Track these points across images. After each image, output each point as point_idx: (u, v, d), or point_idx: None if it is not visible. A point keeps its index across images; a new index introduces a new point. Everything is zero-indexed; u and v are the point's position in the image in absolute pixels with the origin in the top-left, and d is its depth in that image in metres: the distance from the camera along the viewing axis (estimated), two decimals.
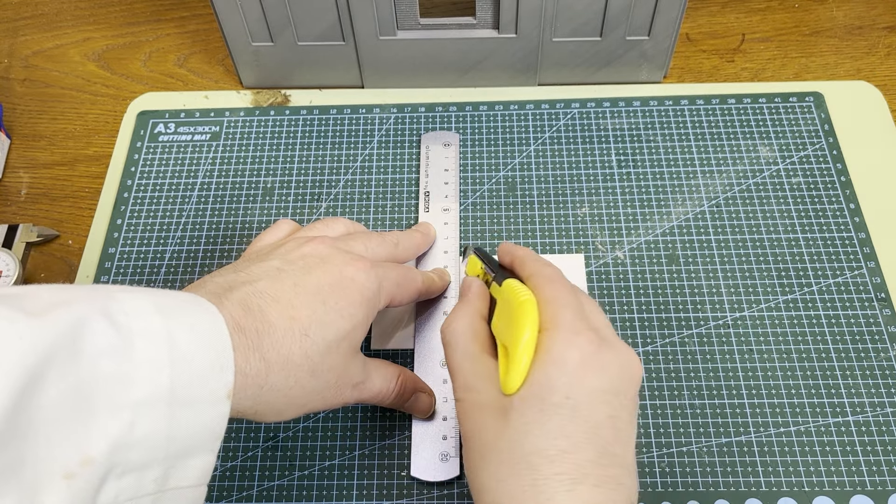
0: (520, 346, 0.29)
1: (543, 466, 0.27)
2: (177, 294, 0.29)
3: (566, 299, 0.31)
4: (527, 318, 0.30)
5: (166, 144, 0.52)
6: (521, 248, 0.37)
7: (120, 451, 0.24)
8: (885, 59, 0.55)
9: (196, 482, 0.27)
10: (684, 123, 0.51)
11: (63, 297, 0.25)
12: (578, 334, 0.29)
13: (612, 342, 0.30)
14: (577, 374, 0.28)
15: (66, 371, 0.23)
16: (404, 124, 0.52)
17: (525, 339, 0.29)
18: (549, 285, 0.32)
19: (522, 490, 0.26)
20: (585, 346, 0.28)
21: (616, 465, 0.27)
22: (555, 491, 0.26)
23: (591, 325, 0.30)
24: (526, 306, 0.31)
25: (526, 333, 0.29)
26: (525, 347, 0.29)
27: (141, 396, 0.25)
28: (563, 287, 0.32)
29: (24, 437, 0.22)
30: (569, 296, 0.31)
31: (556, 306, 0.30)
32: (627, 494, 0.27)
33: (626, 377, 0.29)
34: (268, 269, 0.33)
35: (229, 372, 0.27)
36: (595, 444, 0.27)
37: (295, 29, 0.51)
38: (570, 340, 0.29)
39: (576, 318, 0.30)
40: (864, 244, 0.45)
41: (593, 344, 0.29)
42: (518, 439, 0.27)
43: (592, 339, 0.29)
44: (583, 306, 0.31)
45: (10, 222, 0.50)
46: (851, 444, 0.39)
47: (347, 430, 0.41)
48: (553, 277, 0.32)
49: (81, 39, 0.60)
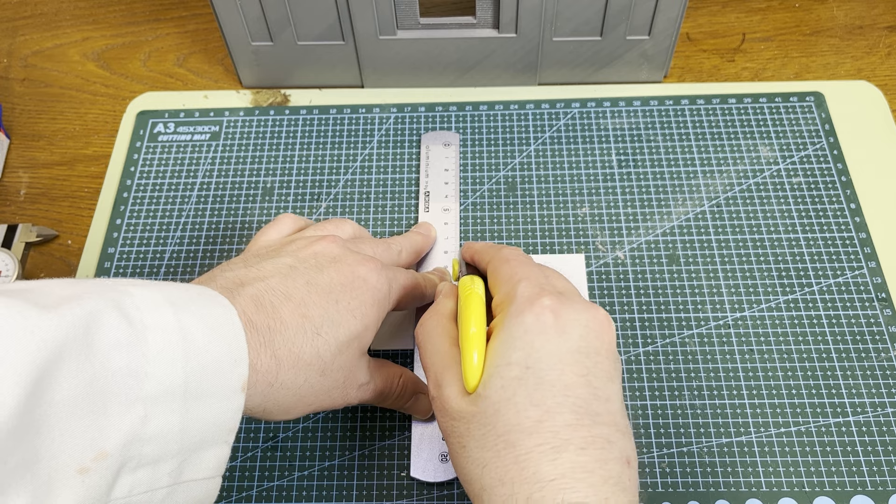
0: (465, 341, 0.29)
1: (522, 441, 0.26)
2: (188, 287, 0.29)
3: (522, 273, 0.31)
4: (469, 312, 0.30)
5: (166, 144, 0.52)
6: (479, 243, 0.37)
7: (134, 446, 0.24)
8: (886, 59, 0.55)
9: (211, 474, 0.27)
10: (685, 123, 0.51)
11: (74, 291, 0.25)
12: (533, 302, 0.29)
13: (576, 302, 0.29)
14: (534, 342, 0.28)
15: (79, 366, 0.23)
16: (404, 124, 0.52)
17: (470, 334, 0.29)
18: (503, 266, 0.32)
19: (507, 469, 0.26)
20: (542, 312, 0.28)
21: (600, 423, 0.27)
22: (538, 463, 0.26)
23: (552, 289, 0.30)
24: (468, 301, 0.31)
25: (471, 328, 0.30)
26: (469, 342, 0.29)
27: (154, 390, 0.25)
28: (518, 263, 0.32)
29: (38, 432, 0.22)
30: (523, 269, 0.31)
31: (512, 283, 0.30)
32: (619, 452, 0.27)
33: (594, 335, 0.28)
34: (280, 266, 0.32)
35: (243, 364, 0.27)
36: (570, 407, 0.27)
37: (295, 28, 0.50)
38: (524, 310, 0.28)
39: (531, 287, 0.29)
40: (864, 244, 0.45)
41: (551, 307, 0.28)
42: (491, 422, 0.27)
43: (550, 303, 0.28)
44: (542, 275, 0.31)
45: (9, 222, 0.50)
46: (852, 444, 0.39)
47: (347, 430, 0.41)
48: (508, 257, 0.33)
49: (81, 39, 0.60)
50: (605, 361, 0.28)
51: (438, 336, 0.32)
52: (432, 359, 0.31)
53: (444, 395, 0.29)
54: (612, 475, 0.26)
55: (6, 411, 0.21)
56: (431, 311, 0.33)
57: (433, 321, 0.33)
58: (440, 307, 0.34)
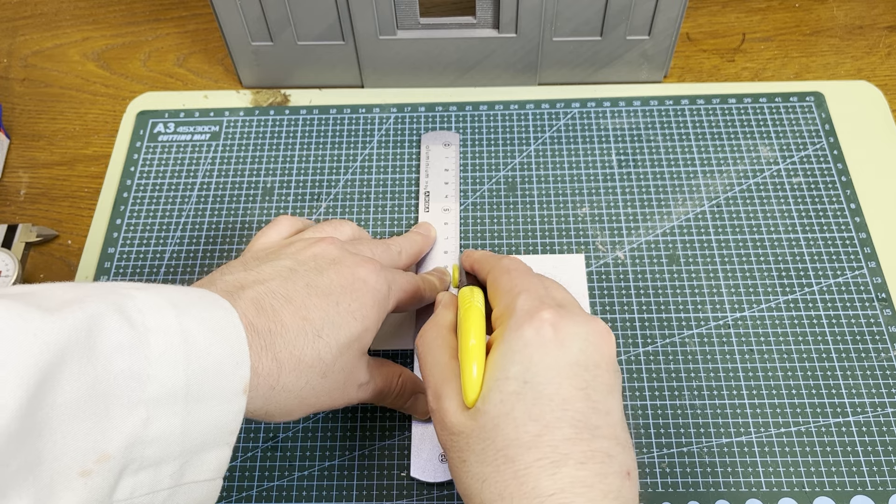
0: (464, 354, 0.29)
1: (521, 455, 0.26)
2: (189, 290, 0.29)
3: (522, 284, 0.30)
4: (469, 324, 0.30)
5: (166, 144, 0.52)
6: (478, 251, 0.37)
7: (136, 448, 0.24)
8: (886, 59, 0.55)
9: (212, 476, 0.27)
10: (685, 123, 0.51)
11: (77, 294, 0.25)
12: (532, 315, 0.28)
13: (576, 315, 0.29)
14: (533, 356, 0.28)
15: (82, 368, 0.23)
16: (404, 124, 0.52)
17: (470, 346, 0.29)
18: (503, 277, 0.32)
19: (506, 484, 0.26)
20: (541, 326, 0.28)
21: (600, 437, 0.27)
22: (537, 478, 0.26)
23: (551, 302, 0.29)
24: (468, 313, 0.31)
25: (470, 340, 0.29)
26: (468, 355, 0.29)
27: (156, 393, 0.25)
28: (518, 274, 0.31)
29: (40, 434, 0.22)
30: (523, 280, 0.31)
31: (511, 295, 0.30)
32: (619, 465, 0.27)
33: (594, 347, 0.28)
34: (279, 269, 0.32)
35: (245, 367, 0.27)
36: (569, 421, 0.26)
37: (295, 28, 0.50)
38: (522, 324, 0.28)
39: (531, 299, 0.29)
40: (864, 244, 0.45)
41: (551, 321, 0.28)
42: (490, 437, 0.27)
43: (549, 316, 0.28)
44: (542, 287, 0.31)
45: (9, 222, 0.50)
46: (852, 444, 0.39)
47: (347, 430, 0.41)
48: (508, 268, 0.32)
49: (81, 39, 0.60)
50: (605, 374, 0.28)
51: (438, 348, 0.32)
52: (432, 371, 0.31)
53: (443, 409, 0.29)
54: (611, 489, 0.26)
55: (8, 414, 0.21)
56: (431, 323, 0.33)
57: (433, 333, 0.33)
58: (440, 318, 0.33)
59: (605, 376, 0.28)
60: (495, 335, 0.30)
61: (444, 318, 0.33)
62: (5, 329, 0.22)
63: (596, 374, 0.28)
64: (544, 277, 0.32)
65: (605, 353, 0.29)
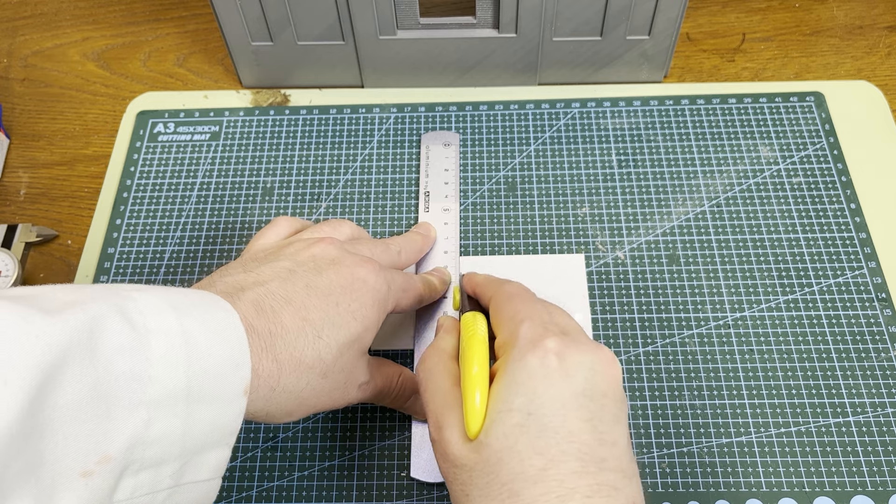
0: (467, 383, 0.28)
1: (526, 490, 0.26)
2: (190, 291, 0.29)
3: (526, 311, 0.30)
4: (472, 353, 0.30)
5: (166, 144, 0.52)
6: (480, 275, 0.36)
7: (137, 449, 0.24)
8: (886, 59, 0.55)
9: (211, 475, 0.27)
10: (685, 123, 0.51)
11: (78, 296, 0.25)
12: (536, 344, 0.28)
13: (581, 343, 0.28)
14: (537, 387, 0.27)
15: (83, 370, 0.23)
16: (404, 124, 0.52)
17: (472, 374, 0.29)
18: (507, 304, 0.31)
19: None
20: (546, 356, 0.27)
21: (606, 469, 0.26)
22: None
23: (556, 329, 0.29)
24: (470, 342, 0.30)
25: (473, 368, 0.29)
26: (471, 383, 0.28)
27: (157, 394, 0.25)
28: (521, 301, 0.31)
29: (42, 436, 0.22)
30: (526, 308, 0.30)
31: (515, 322, 0.29)
32: (626, 498, 0.26)
33: (600, 376, 0.28)
34: (278, 270, 0.32)
35: (245, 368, 0.27)
36: (575, 454, 0.26)
37: (294, 28, 0.50)
38: (526, 353, 0.28)
39: (534, 327, 0.29)
40: (864, 244, 0.45)
41: (555, 350, 0.28)
42: (494, 471, 0.26)
43: (554, 345, 0.28)
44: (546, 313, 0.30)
45: (9, 222, 0.50)
46: (852, 444, 0.39)
47: (347, 430, 0.41)
48: (511, 293, 0.32)
49: (81, 39, 0.60)
50: (612, 403, 0.28)
51: (440, 374, 0.31)
52: (433, 397, 0.30)
53: (445, 439, 0.28)
54: None
55: (10, 415, 0.21)
56: (432, 349, 0.33)
57: (434, 359, 0.32)
58: (441, 343, 0.33)
59: (612, 406, 0.28)
60: (499, 364, 0.29)
61: (446, 344, 0.33)
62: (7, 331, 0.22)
63: (602, 403, 0.27)
64: (548, 303, 0.32)
65: (612, 381, 0.28)
